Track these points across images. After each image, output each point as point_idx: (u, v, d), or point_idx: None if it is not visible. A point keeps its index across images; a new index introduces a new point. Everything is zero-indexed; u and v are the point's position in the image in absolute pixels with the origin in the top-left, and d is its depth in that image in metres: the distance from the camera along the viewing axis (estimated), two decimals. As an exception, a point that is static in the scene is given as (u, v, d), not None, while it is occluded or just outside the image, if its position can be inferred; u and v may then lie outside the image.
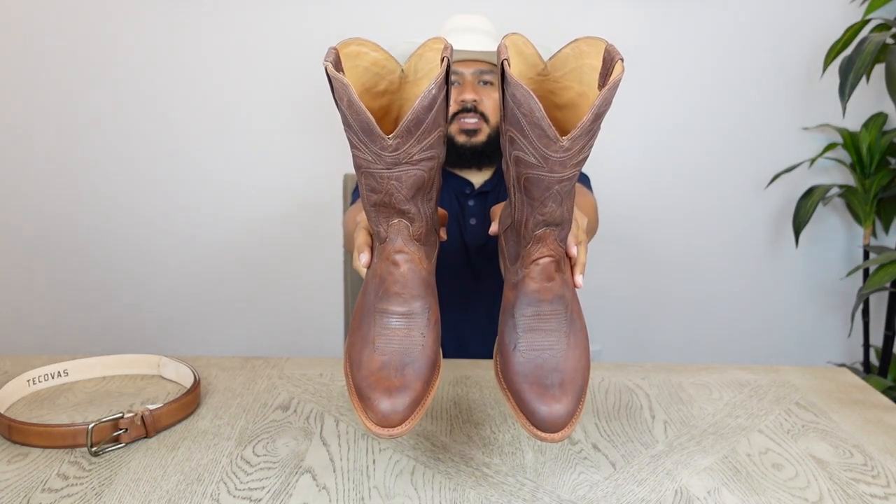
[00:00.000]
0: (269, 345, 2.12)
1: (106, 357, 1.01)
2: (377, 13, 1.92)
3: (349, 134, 0.64)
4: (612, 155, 2.02)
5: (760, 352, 2.14)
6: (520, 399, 0.65)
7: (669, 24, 1.94)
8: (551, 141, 0.60)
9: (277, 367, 1.05)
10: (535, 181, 0.63)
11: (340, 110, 0.63)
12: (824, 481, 0.75)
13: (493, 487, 0.72)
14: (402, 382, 0.63)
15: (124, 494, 0.70)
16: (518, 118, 0.61)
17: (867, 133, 1.88)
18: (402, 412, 0.62)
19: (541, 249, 0.68)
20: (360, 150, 0.63)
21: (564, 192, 0.65)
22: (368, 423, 0.62)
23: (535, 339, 0.67)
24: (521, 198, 0.66)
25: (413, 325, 0.67)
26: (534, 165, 0.62)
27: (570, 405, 0.64)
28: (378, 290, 0.68)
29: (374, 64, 0.69)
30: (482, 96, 1.26)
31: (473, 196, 1.33)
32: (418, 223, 0.68)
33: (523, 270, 0.69)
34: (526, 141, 0.61)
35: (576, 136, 0.59)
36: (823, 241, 2.08)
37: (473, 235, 1.31)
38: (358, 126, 0.61)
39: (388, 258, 0.67)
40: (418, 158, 0.64)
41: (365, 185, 0.66)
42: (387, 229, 0.67)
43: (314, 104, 1.98)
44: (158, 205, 2.04)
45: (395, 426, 0.62)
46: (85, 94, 1.97)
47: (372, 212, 0.67)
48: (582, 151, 0.62)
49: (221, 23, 1.93)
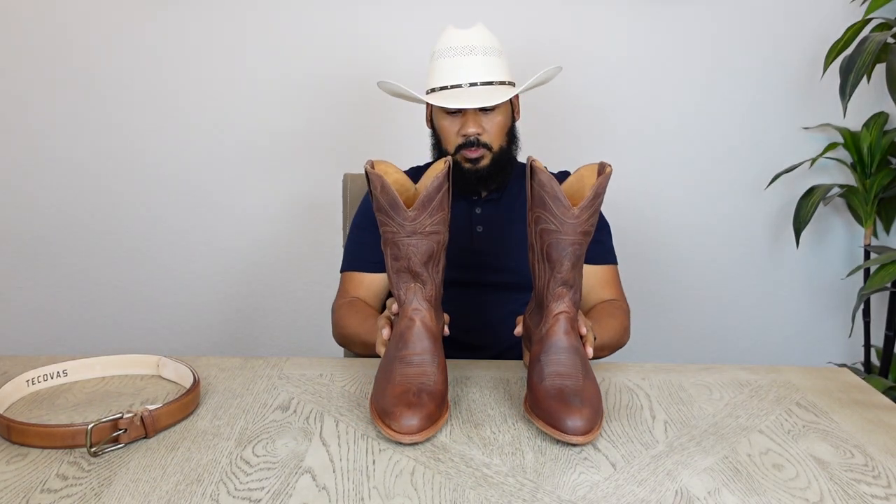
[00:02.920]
0: (269, 345, 2.12)
1: (105, 357, 1.01)
2: (379, 16, 1.92)
3: (380, 216, 0.88)
4: (613, 155, 2.02)
5: (761, 352, 2.14)
6: (549, 414, 0.82)
7: (669, 24, 1.94)
8: (566, 209, 0.85)
9: (277, 367, 1.05)
10: (554, 245, 0.87)
11: (375, 198, 0.87)
12: (825, 482, 0.74)
13: (493, 488, 0.72)
14: (418, 401, 0.82)
15: (124, 495, 0.70)
16: (543, 198, 0.86)
17: (868, 133, 1.88)
18: (419, 423, 0.80)
19: (559, 306, 0.89)
20: (387, 225, 0.87)
21: (576, 256, 0.88)
22: (392, 432, 0.81)
23: (558, 376, 0.86)
24: (543, 266, 0.90)
25: (426, 367, 0.86)
26: (553, 231, 0.87)
27: (591, 414, 0.81)
28: (398, 343, 0.88)
29: (395, 182, 0.96)
30: (485, 125, 1.24)
31: (480, 204, 1.33)
32: (430, 286, 0.90)
33: (546, 326, 0.90)
34: (549, 213, 0.87)
35: (583, 206, 0.86)
36: (824, 241, 2.08)
37: (479, 244, 1.32)
38: (387, 203, 0.86)
39: (407, 315, 0.89)
40: (429, 231, 0.87)
41: (390, 255, 0.89)
42: (405, 292, 0.89)
43: (315, 105, 1.98)
44: (158, 205, 2.03)
45: (415, 433, 0.80)
46: (85, 95, 1.97)
47: (394, 278, 0.90)
48: (588, 221, 0.87)
49: (222, 22, 1.93)
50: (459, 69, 1.22)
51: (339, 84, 1.97)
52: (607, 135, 2.01)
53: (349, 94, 1.96)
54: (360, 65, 1.95)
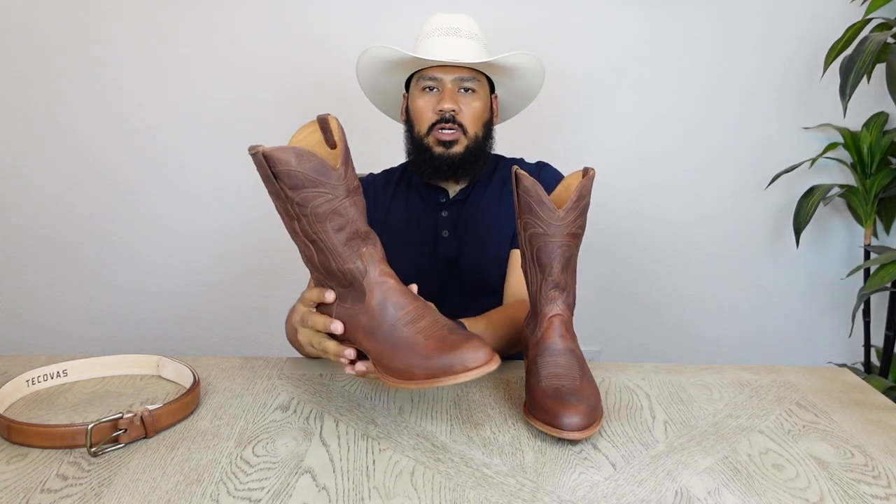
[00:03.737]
0: (269, 345, 2.12)
1: (105, 357, 1.01)
2: (362, 12, 1.92)
3: (302, 193, 0.77)
4: (613, 155, 2.02)
5: (761, 352, 2.14)
6: (546, 413, 0.82)
7: (669, 24, 1.94)
8: (552, 212, 0.86)
9: (277, 367, 1.05)
10: (543, 248, 0.88)
11: (287, 175, 0.76)
12: (825, 482, 0.74)
13: (493, 488, 0.72)
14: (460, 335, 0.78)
15: (123, 495, 0.70)
16: (529, 203, 0.87)
17: (868, 133, 1.88)
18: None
19: (553, 308, 0.89)
20: (320, 197, 0.77)
21: (565, 258, 0.89)
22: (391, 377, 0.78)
23: (555, 377, 0.86)
24: (534, 271, 0.90)
25: (429, 309, 0.82)
26: (541, 235, 0.88)
27: (587, 410, 0.81)
28: (387, 308, 0.81)
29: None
30: (461, 105, 1.21)
31: (447, 206, 1.29)
32: (378, 244, 0.83)
33: (541, 330, 0.90)
34: (535, 218, 0.87)
35: (568, 208, 0.87)
36: (824, 241, 2.08)
37: (445, 248, 1.27)
38: (312, 171, 0.76)
39: (377, 283, 0.81)
40: (356, 185, 0.81)
41: (333, 228, 0.79)
42: (362, 261, 0.81)
43: (312, 102, 1.98)
44: (158, 205, 2.03)
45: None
46: (85, 95, 1.97)
47: (346, 252, 0.80)
48: (575, 223, 0.88)
49: (217, 21, 1.93)
50: (443, 47, 1.21)
51: (339, 85, 1.97)
52: (607, 135, 2.01)
53: (348, 94, 1.96)
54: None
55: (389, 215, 1.32)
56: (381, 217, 1.32)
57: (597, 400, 0.85)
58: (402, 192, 1.34)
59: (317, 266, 0.83)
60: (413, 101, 1.26)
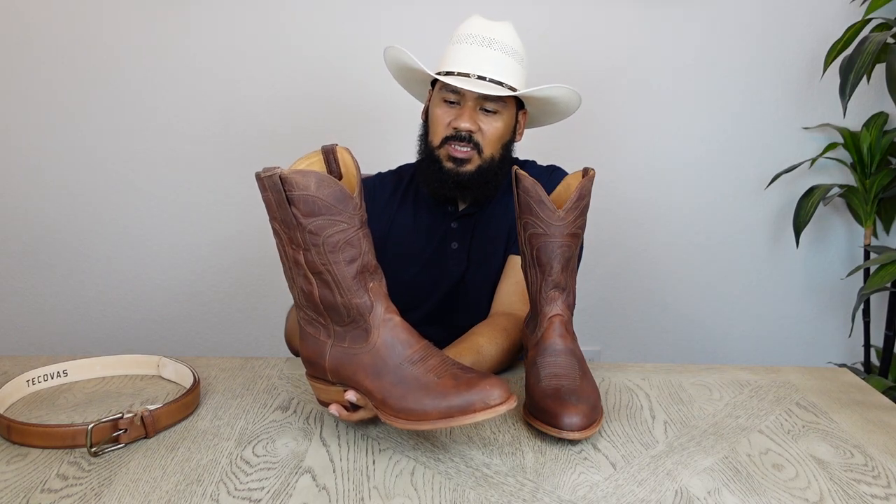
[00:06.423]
0: (269, 345, 2.12)
1: (105, 357, 1.01)
2: (385, 14, 1.92)
3: (316, 221, 0.73)
4: (613, 155, 2.02)
5: (760, 352, 2.14)
6: (546, 413, 0.82)
7: (669, 25, 1.94)
8: (552, 212, 0.87)
9: (277, 367, 1.05)
10: (542, 248, 0.88)
11: (302, 201, 0.72)
12: (825, 482, 0.74)
13: (493, 488, 0.72)
14: (471, 375, 0.75)
15: (124, 495, 0.70)
16: (529, 203, 0.87)
17: (868, 133, 1.88)
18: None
19: (553, 309, 0.89)
20: (336, 226, 0.74)
21: (565, 258, 0.89)
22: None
23: (554, 377, 0.86)
24: (534, 271, 0.90)
25: (434, 348, 0.79)
26: (541, 235, 0.88)
27: (587, 410, 0.81)
28: (394, 347, 0.77)
29: None
30: (481, 125, 1.13)
31: (457, 217, 1.23)
32: (384, 280, 0.80)
33: (541, 330, 0.90)
34: (535, 218, 0.88)
35: (568, 208, 0.88)
36: (824, 241, 2.08)
37: (453, 261, 1.23)
38: (331, 199, 0.73)
39: (384, 320, 0.78)
40: (366, 218, 0.78)
41: (345, 259, 0.75)
42: (370, 296, 0.78)
43: (312, 104, 1.98)
44: (158, 205, 2.03)
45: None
46: (85, 96, 1.97)
47: (354, 286, 0.76)
48: (574, 223, 0.88)
49: (216, 24, 1.93)
50: (472, 56, 1.12)
51: (338, 85, 1.97)
52: (606, 135, 2.01)
53: (348, 96, 1.96)
54: (357, 67, 1.95)
55: (394, 224, 1.26)
56: (385, 224, 1.26)
57: (597, 400, 0.85)
58: (410, 199, 1.27)
59: (315, 302, 0.79)
60: (433, 107, 1.17)
